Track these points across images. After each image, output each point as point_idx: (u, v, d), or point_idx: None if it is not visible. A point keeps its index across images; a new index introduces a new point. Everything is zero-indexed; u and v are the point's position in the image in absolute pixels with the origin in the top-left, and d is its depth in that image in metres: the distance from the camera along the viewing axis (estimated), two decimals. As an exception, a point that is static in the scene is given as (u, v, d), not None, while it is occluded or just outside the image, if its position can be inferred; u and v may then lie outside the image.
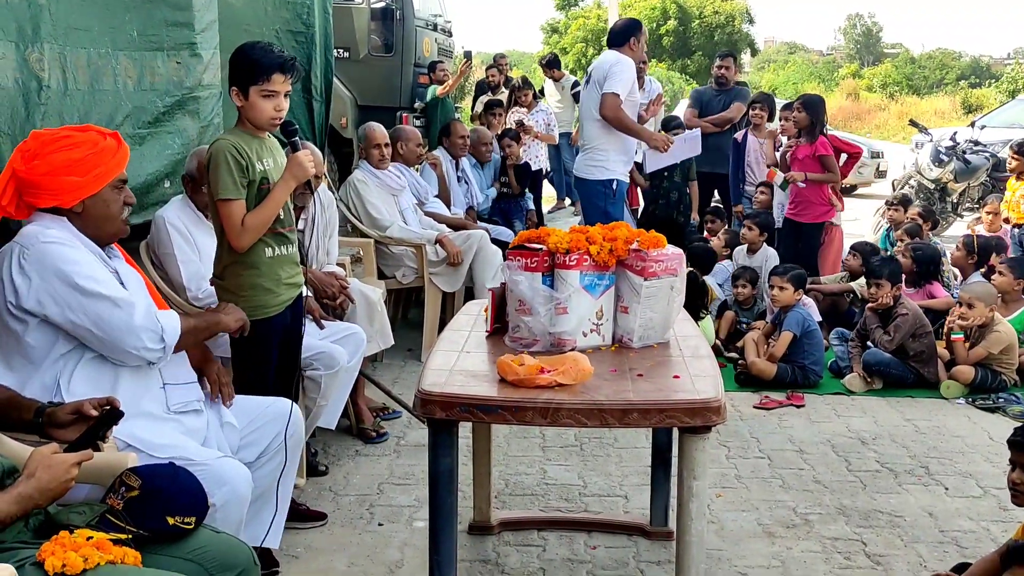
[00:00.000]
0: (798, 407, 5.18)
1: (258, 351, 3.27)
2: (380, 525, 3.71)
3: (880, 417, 5.04)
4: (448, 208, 6.65)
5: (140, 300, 2.68)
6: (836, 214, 7.07)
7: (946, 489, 4.11)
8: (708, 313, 6.24)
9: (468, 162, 7.22)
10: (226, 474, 2.56)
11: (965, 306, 5.56)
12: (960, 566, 2.90)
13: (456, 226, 6.18)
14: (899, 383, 5.46)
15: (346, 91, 9.26)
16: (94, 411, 2.29)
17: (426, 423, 2.68)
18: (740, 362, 5.72)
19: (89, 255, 2.65)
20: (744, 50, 34.00)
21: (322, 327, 3.99)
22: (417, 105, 9.74)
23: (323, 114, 5.89)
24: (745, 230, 6.89)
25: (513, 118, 9.18)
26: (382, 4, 9.66)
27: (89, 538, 1.98)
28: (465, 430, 3.69)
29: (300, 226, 3.37)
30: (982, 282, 6.07)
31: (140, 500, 2.16)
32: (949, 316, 5.68)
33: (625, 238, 3.07)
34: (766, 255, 6.74)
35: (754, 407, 5.18)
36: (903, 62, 48.52)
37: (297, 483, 3.65)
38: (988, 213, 7.70)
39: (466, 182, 7.22)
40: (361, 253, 5.63)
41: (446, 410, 2.58)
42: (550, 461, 4.37)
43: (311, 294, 3.96)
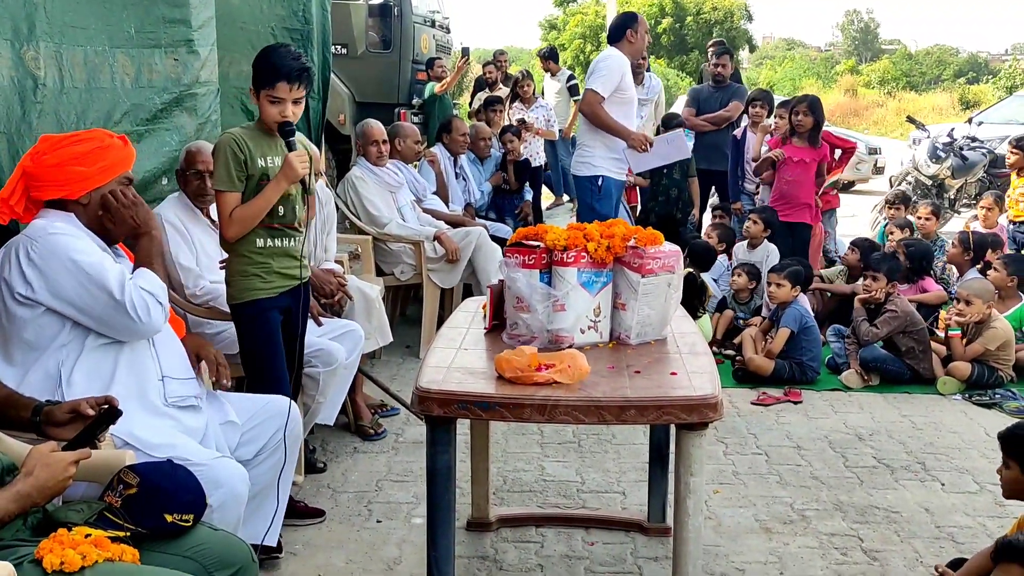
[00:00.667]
0: (795, 403, 5.19)
1: (258, 332, 3.31)
2: (378, 522, 3.71)
3: (877, 413, 5.05)
4: (446, 205, 6.66)
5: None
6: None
7: (942, 485, 4.12)
8: (705, 311, 6.25)
9: (467, 159, 7.21)
10: (223, 475, 2.56)
11: (963, 302, 5.58)
12: (956, 561, 2.90)
13: (454, 223, 6.18)
14: (896, 379, 5.47)
15: (344, 88, 9.26)
16: (91, 410, 2.30)
17: (424, 420, 2.68)
18: (738, 359, 5.73)
19: (95, 246, 2.70)
20: (742, 47, 34.01)
21: (320, 324, 3.99)
22: (415, 102, 9.75)
23: (320, 111, 5.88)
24: (750, 223, 6.86)
25: (515, 116, 9.18)
26: (380, 1, 9.66)
27: (87, 536, 1.98)
28: (463, 427, 3.69)
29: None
30: (980, 279, 6.08)
31: (138, 498, 2.16)
32: (946, 312, 5.69)
33: (623, 235, 3.08)
34: (767, 251, 6.73)
35: (752, 403, 5.18)
36: (901, 58, 48.58)
37: (295, 480, 3.66)
38: (984, 209, 7.70)
39: (464, 179, 7.22)
40: (359, 250, 5.63)
41: (444, 407, 2.59)
42: (548, 458, 4.38)
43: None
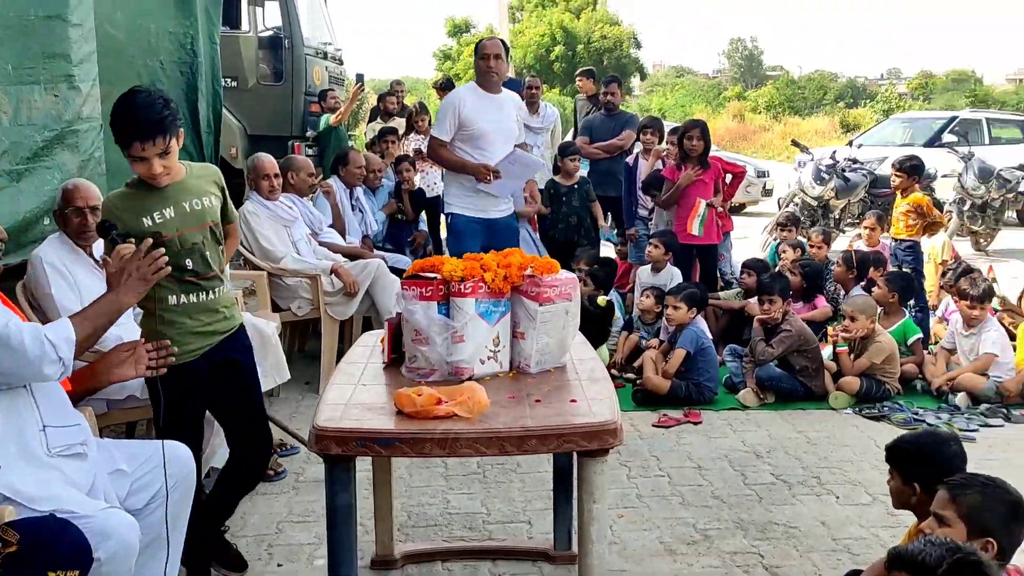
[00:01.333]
0: (695, 424, 5.28)
1: (175, 397, 3.08)
2: (279, 565, 3.62)
3: (774, 430, 5.17)
4: (343, 237, 6.59)
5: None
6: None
7: (837, 498, 4.24)
8: (609, 335, 6.34)
9: (362, 190, 7.16)
10: (111, 526, 2.44)
11: (848, 319, 5.79)
12: (852, 573, 2.98)
13: (352, 255, 6.12)
14: (790, 396, 5.63)
15: (236, 121, 9.12)
16: None
17: (322, 459, 2.63)
18: (638, 381, 5.81)
19: None
20: (633, 74, 34.78)
21: None
22: (309, 134, 9.65)
23: (212, 145, 5.78)
24: (651, 248, 6.97)
25: (411, 146, 9.17)
26: (270, 33, 9.56)
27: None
28: (365, 463, 3.64)
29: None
30: (863, 295, 6.32)
31: (18, 556, 2.06)
32: (832, 329, 5.88)
33: (519, 264, 3.09)
34: (671, 274, 6.84)
35: (653, 426, 5.25)
36: (784, 84, 50.26)
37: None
38: (867, 228, 8.01)
39: (361, 210, 7.15)
40: (254, 286, 5.53)
41: (342, 445, 2.55)
42: (452, 490, 4.34)
43: None
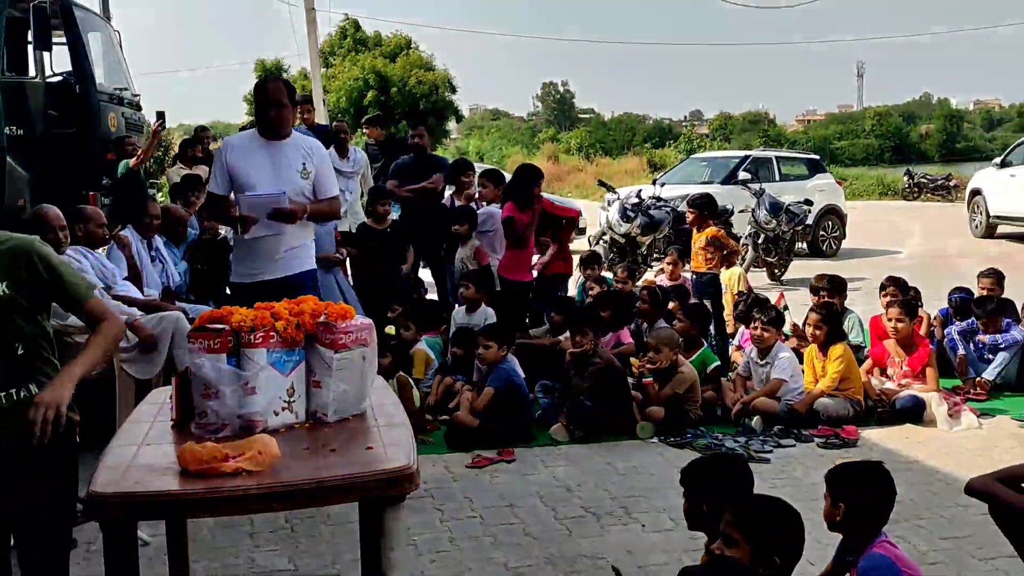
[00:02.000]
0: (509, 462, 5.32)
1: None
2: (67, 644, 3.36)
3: (584, 463, 5.28)
4: (140, 290, 6.29)
5: None
6: None
7: (643, 526, 4.37)
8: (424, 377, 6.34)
9: (162, 240, 6.89)
10: None
11: (653, 351, 6.01)
12: None
13: (149, 308, 5.85)
14: (600, 429, 5.76)
15: (22, 171, 8.59)
16: None
17: (99, 525, 2.48)
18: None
19: None
20: (450, 117, 35.16)
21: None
22: (105, 182, 9.20)
23: (-4, 196, 5.42)
24: (463, 289, 7.03)
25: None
26: (59, 78, 9.10)
27: None
28: (160, 526, 3.47)
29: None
30: (666, 327, 6.58)
31: None
32: (637, 361, 6.10)
33: (311, 311, 3.04)
34: (485, 314, 6.91)
35: (467, 467, 5.25)
36: (595, 126, 52.29)
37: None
38: (668, 264, 8.37)
39: (161, 261, 6.87)
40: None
41: (121, 510, 2.41)
42: (259, 548, 4.19)
43: None
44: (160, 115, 10.35)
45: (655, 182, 14.55)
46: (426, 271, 8.66)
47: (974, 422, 5.98)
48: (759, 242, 12.08)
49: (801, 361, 6.37)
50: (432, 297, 8.27)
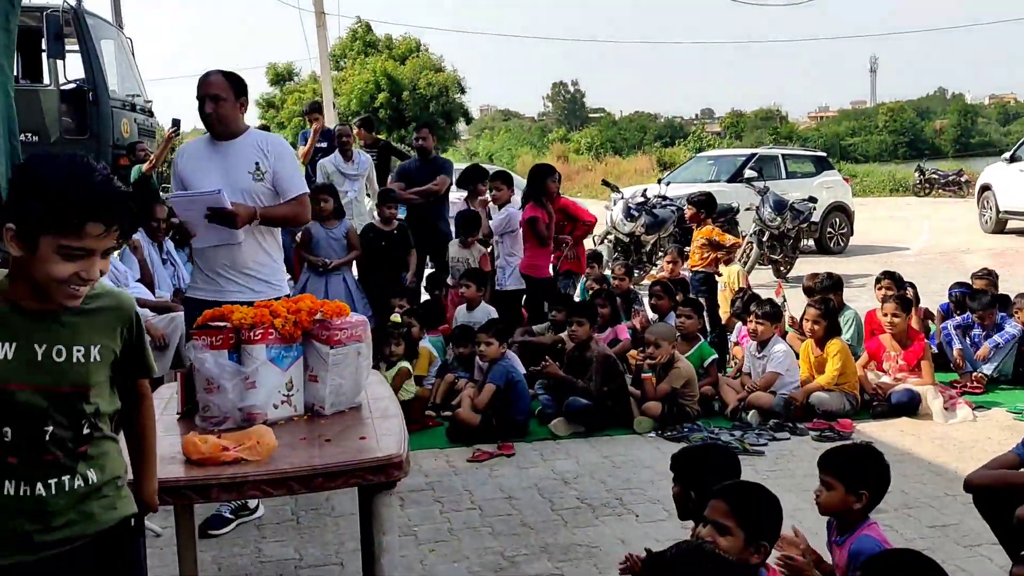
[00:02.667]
0: (508, 456, 5.46)
1: None
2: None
3: (582, 457, 5.41)
4: (152, 292, 6.48)
5: None
6: None
7: (636, 516, 4.49)
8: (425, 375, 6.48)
9: (171, 243, 7.07)
10: None
11: (652, 346, 6.13)
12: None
13: (159, 309, 6.03)
14: (599, 424, 5.89)
15: (38, 177, 8.78)
16: None
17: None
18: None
19: None
20: (459, 119, 35.34)
21: None
22: (119, 187, 9.38)
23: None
24: (464, 289, 7.18)
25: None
26: (73, 85, 9.30)
27: None
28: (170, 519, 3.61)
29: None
30: (664, 323, 6.70)
31: None
32: (635, 354, 6.21)
33: (308, 309, 3.19)
34: (487, 312, 7.05)
35: (468, 461, 5.39)
36: (606, 125, 52.33)
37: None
38: (668, 262, 8.49)
39: (173, 263, 7.06)
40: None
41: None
42: (265, 539, 4.33)
43: None
44: (176, 122, 10.54)
45: (660, 181, 14.65)
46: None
47: (969, 415, 6.08)
48: (764, 240, 12.17)
49: (797, 356, 6.47)
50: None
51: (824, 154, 17.91)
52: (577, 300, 7.68)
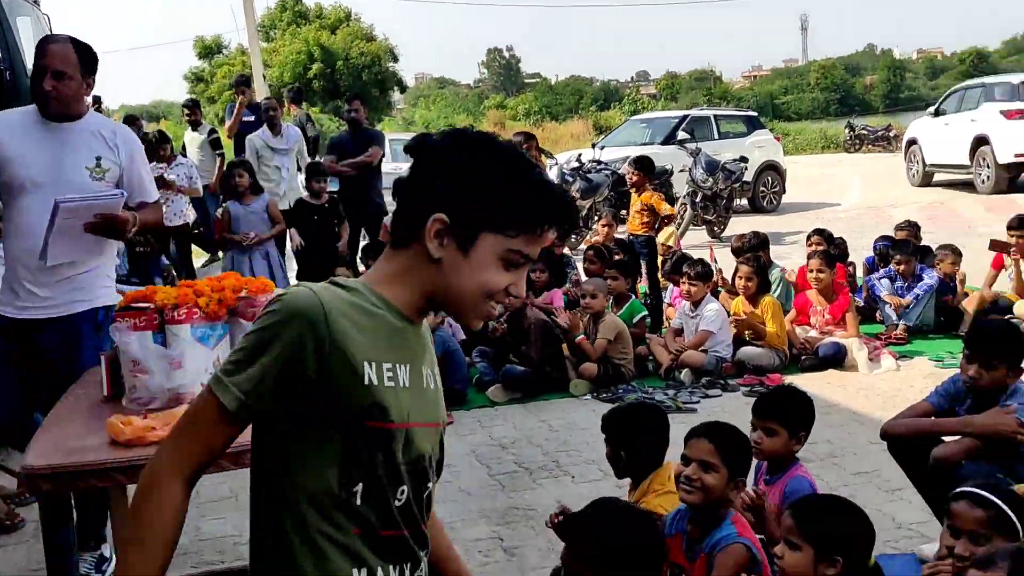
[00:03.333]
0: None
1: None
2: (16, 616, 3.51)
3: (519, 422, 5.49)
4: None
5: None
6: None
7: (572, 478, 4.59)
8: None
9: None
10: None
11: (589, 297, 6.22)
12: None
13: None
14: (537, 390, 5.97)
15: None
16: None
17: (36, 499, 2.62)
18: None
19: None
20: (392, 88, 35.05)
21: None
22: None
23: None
24: None
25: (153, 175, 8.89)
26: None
27: None
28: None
29: None
30: (597, 278, 6.78)
31: None
32: (566, 314, 6.27)
33: (232, 287, 3.18)
34: None
35: (406, 431, 5.43)
36: (542, 91, 52.25)
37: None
38: (603, 226, 8.57)
39: None
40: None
41: (53, 482, 2.54)
42: (204, 517, 4.34)
43: None
44: (96, 99, 10.30)
45: (595, 145, 14.71)
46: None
47: (892, 365, 6.28)
48: (697, 201, 12.33)
49: (728, 314, 6.61)
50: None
51: (755, 114, 18.14)
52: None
